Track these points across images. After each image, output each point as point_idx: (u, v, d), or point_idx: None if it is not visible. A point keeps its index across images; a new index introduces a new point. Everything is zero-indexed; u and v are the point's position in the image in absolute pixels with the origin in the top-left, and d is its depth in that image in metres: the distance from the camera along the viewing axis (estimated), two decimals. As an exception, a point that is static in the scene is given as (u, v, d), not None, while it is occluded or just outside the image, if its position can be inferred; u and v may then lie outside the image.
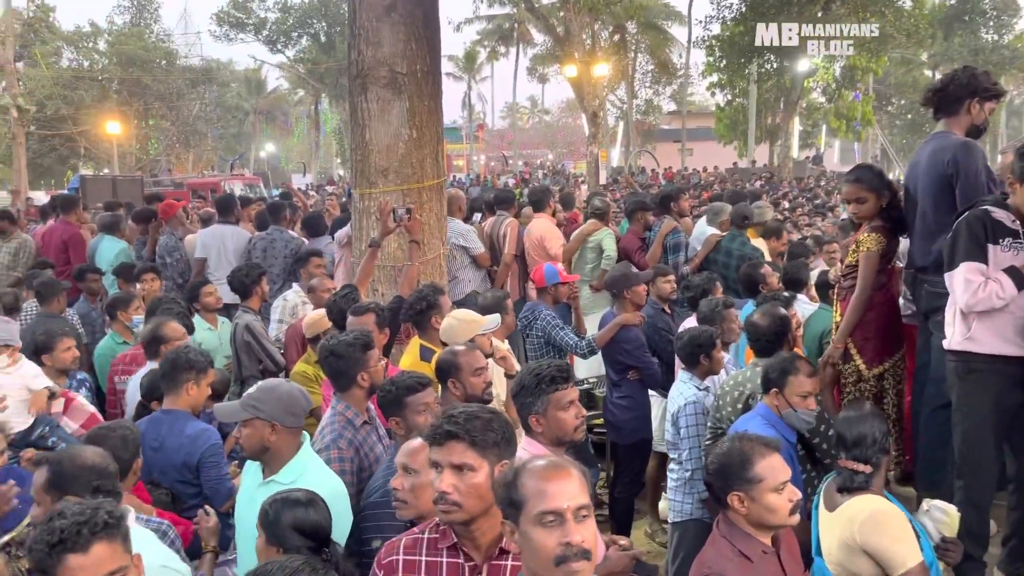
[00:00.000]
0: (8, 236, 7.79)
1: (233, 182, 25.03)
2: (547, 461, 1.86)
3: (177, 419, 3.55)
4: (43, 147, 34.15)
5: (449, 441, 2.09)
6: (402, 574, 2.14)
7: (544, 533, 1.73)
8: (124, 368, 4.69)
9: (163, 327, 4.43)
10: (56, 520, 1.94)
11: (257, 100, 52.25)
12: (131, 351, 4.83)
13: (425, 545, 2.17)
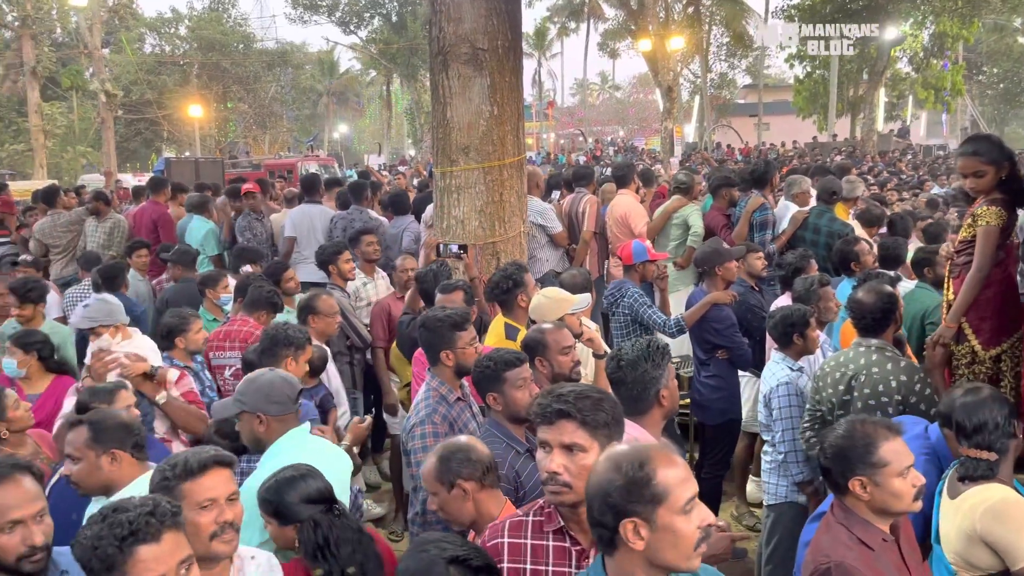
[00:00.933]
0: (103, 216, 8.08)
1: (308, 163, 25.47)
2: (661, 448, 1.76)
3: None
4: (129, 131, 35.44)
5: (560, 420, 2.04)
6: (507, 557, 2.11)
7: (686, 521, 1.67)
8: (218, 344, 4.80)
9: (317, 300, 4.64)
10: (120, 513, 1.86)
11: (330, 82, 53.03)
12: (225, 327, 4.93)
13: (530, 528, 2.14)
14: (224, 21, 37.94)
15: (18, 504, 2.16)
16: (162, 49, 39.21)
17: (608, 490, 1.66)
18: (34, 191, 10.92)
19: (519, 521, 2.16)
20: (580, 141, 44.98)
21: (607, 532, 1.68)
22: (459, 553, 1.93)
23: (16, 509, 2.16)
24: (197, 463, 2.19)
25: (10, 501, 2.16)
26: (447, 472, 2.46)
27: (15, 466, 2.24)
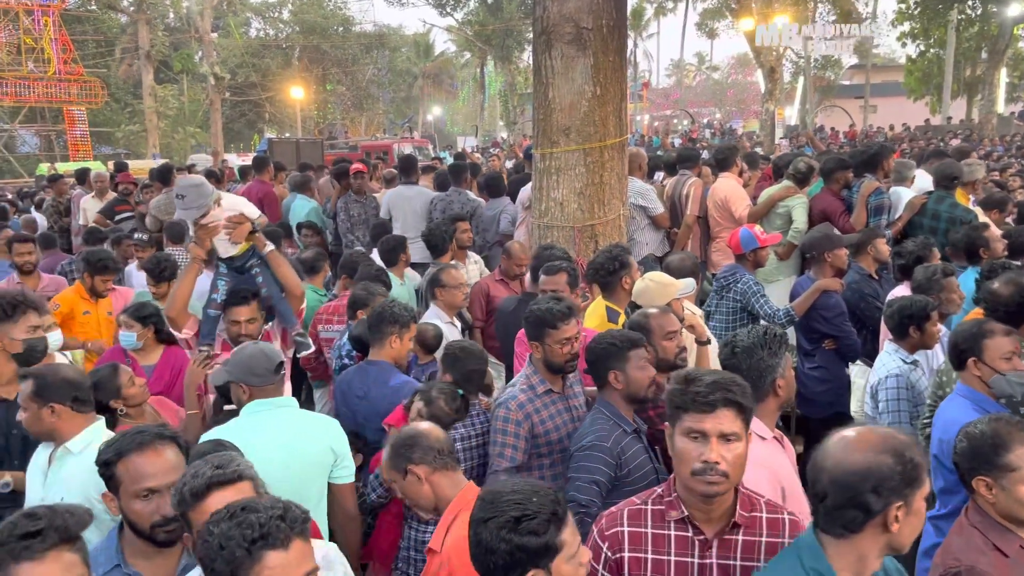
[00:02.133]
0: (214, 195, 8.38)
1: (404, 144, 25.87)
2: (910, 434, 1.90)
3: (382, 370, 3.67)
4: (234, 112, 36.78)
5: (722, 408, 1.99)
6: (628, 546, 2.08)
7: None
8: (327, 318, 4.94)
9: (443, 272, 4.86)
10: (249, 513, 1.71)
11: (425, 64, 53.62)
12: (335, 302, 5.05)
13: (650, 516, 2.10)
14: (325, 4, 38.79)
15: (155, 473, 2.21)
16: (266, 33, 40.47)
17: (882, 473, 1.73)
18: (150, 169, 11.48)
19: (638, 510, 2.13)
20: (675, 123, 44.08)
21: (860, 515, 1.75)
22: (516, 513, 1.89)
23: (152, 478, 2.20)
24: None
25: (148, 469, 2.21)
26: (398, 459, 2.56)
27: (160, 436, 2.28)
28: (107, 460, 2.23)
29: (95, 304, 5.40)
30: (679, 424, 2.02)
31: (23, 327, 3.33)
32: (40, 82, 28.16)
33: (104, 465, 2.24)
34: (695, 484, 1.99)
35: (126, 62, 34.44)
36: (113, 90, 32.23)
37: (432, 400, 3.24)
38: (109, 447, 2.26)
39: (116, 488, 2.24)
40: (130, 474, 2.21)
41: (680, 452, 2.01)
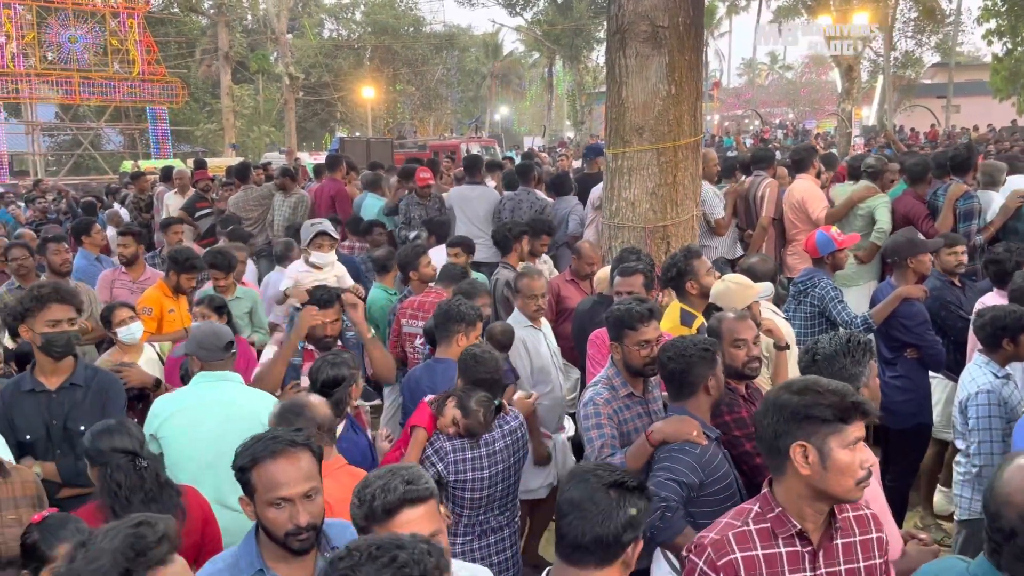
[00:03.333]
0: (289, 192, 8.60)
1: (471, 144, 26.03)
2: None
3: (448, 367, 3.69)
4: (307, 112, 37.60)
5: (861, 418, 1.98)
6: (744, 573, 2.02)
7: None
8: (411, 313, 5.03)
9: (521, 280, 4.77)
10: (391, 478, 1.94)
11: (493, 64, 53.85)
12: (419, 297, 5.14)
13: (756, 537, 2.04)
14: (396, 5, 39.33)
15: (288, 482, 2.15)
16: (339, 34, 41.26)
17: None
18: (227, 167, 11.82)
19: (742, 532, 2.06)
20: (746, 123, 43.26)
21: None
22: (616, 478, 1.96)
23: (286, 487, 2.14)
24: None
25: (281, 478, 2.15)
26: (283, 423, 2.74)
27: (293, 442, 2.22)
28: (242, 466, 2.20)
29: (177, 301, 5.57)
30: (835, 436, 1.96)
31: (43, 320, 3.36)
32: (125, 82, 29.30)
33: (240, 471, 2.21)
34: (855, 494, 1.98)
35: (205, 63, 35.57)
36: (193, 90, 33.31)
37: (471, 412, 3.22)
38: (245, 452, 2.22)
39: (251, 494, 2.20)
40: (263, 482, 2.16)
41: (843, 464, 1.95)
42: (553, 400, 4.51)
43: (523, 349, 4.42)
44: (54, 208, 12.11)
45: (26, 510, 2.58)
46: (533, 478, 4.20)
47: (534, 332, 4.56)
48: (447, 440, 3.23)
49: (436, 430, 3.25)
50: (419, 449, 3.21)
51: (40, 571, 2.36)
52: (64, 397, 3.39)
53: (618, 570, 1.93)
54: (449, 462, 3.19)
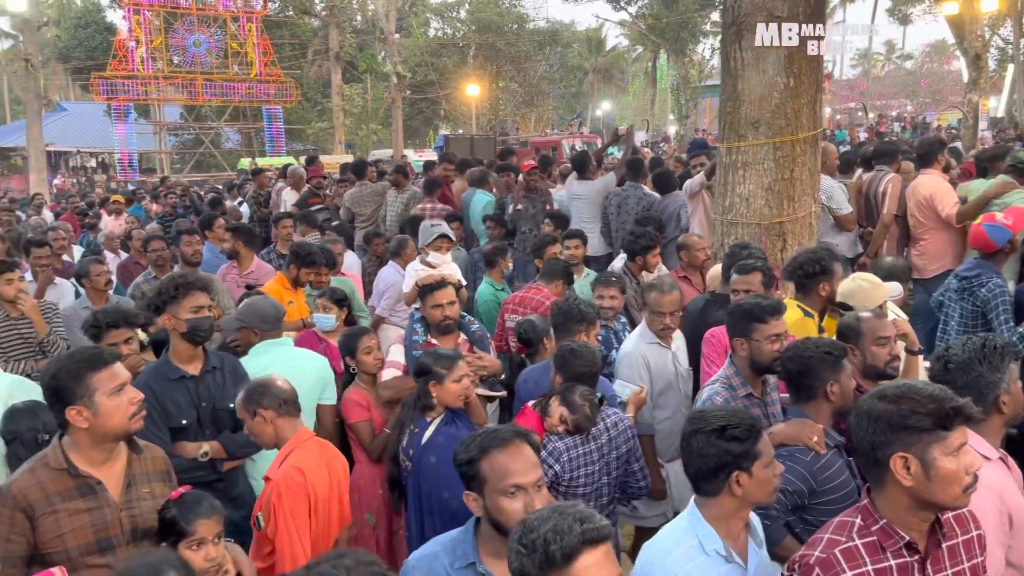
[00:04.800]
0: (402, 188, 8.83)
1: (573, 140, 25.96)
2: None
3: (537, 370, 3.72)
4: (412, 110, 38.38)
5: (964, 422, 1.91)
6: None
7: None
8: (513, 308, 5.10)
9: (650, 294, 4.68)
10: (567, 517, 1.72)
11: (596, 59, 53.56)
12: (522, 292, 5.21)
13: (864, 551, 1.98)
14: (500, 3, 39.63)
15: (520, 470, 2.18)
16: (444, 32, 41.88)
17: None
18: (342, 164, 12.21)
19: (849, 548, 1.99)
20: (860, 116, 41.40)
21: None
22: (720, 424, 2.26)
23: (519, 474, 2.17)
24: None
25: (514, 466, 2.18)
26: (250, 402, 3.04)
27: (517, 433, 2.27)
28: (471, 458, 2.22)
29: (295, 293, 5.80)
30: (937, 445, 1.89)
31: (187, 307, 3.51)
32: (243, 83, 30.68)
33: (468, 463, 2.23)
34: (962, 501, 1.91)
35: (317, 63, 36.83)
36: (305, 90, 34.56)
37: (577, 407, 3.23)
38: (470, 445, 2.25)
39: (481, 486, 2.21)
40: (496, 471, 2.18)
41: (947, 473, 1.89)
42: (672, 427, 4.12)
43: (643, 368, 4.10)
44: (181, 204, 12.81)
45: (158, 484, 2.71)
46: (647, 506, 4.04)
47: (661, 350, 4.21)
48: (559, 440, 3.24)
49: (545, 432, 3.26)
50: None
51: (177, 545, 2.51)
52: (208, 380, 3.57)
53: (728, 499, 2.23)
54: (564, 461, 3.20)
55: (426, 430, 3.48)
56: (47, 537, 2.47)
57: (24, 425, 3.19)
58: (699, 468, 2.26)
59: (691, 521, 2.27)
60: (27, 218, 12.16)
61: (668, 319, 4.11)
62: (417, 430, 3.49)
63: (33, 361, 5.08)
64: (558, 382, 3.42)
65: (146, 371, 3.60)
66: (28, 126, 21.69)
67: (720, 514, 2.24)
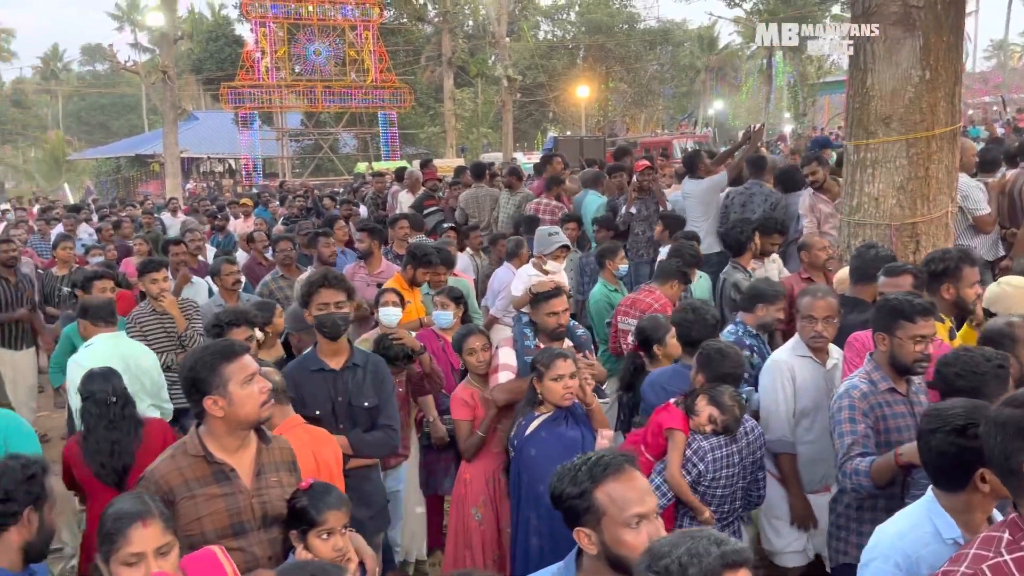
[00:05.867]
0: (515, 190, 8.92)
1: (683, 140, 25.54)
2: None
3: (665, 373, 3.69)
4: (521, 113, 38.63)
5: None
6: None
7: None
8: (625, 310, 5.06)
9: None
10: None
11: (708, 57, 52.39)
12: (634, 295, 5.18)
13: (1014, 567, 1.86)
14: (611, 3, 39.39)
15: (639, 498, 2.05)
16: (554, 35, 41.96)
17: None
18: (456, 167, 12.46)
19: (997, 564, 1.88)
20: (996, 111, 38.80)
21: None
22: (960, 424, 2.21)
23: (639, 503, 2.03)
24: None
25: (633, 494, 2.04)
26: None
27: (625, 458, 2.12)
28: (583, 491, 2.04)
29: (412, 293, 5.94)
30: None
31: (316, 304, 3.67)
32: (360, 90, 31.68)
33: (579, 496, 2.04)
34: None
35: (429, 69, 37.63)
36: (418, 95, 35.36)
37: (726, 408, 3.22)
38: (576, 476, 2.07)
39: (597, 519, 2.02)
40: (615, 502, 2.01)
41: None
42: (816, 454, 3.76)
43: (788, 380, 3.75)
44: (304, 206, 13.38)
45: (285, 474, 2.81)
46: (779, 535, 3.81)
47: (813, 366, 3.82)
48: (704, 439, 3.24)
49: (691, 430, 3.24)
50: (680, 452, 3.23)
51: (308, 534, 2.61)
52: (347, 376, 3.69)
53: (972, 495, 2.18)
54: (708, 461, 3.20)
55: (531, 423, 3.55)
56: (186, 520, 2.60)
57: (97, 387, 3.72)
58: (939, 466, 2.25)
59: (928, 509, 2.26)
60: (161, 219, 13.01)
61: (819, 326, 3.74)
62: (524, 422, 3.59)
63: (174, 354, 5.41)
64: (700, 381, 3.40)
65: (292, 362, 3.80)
66: (165, 134, 23.18)
67: (961, 507, 2.22)
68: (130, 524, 2.21)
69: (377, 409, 3.71)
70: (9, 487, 2.48)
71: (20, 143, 58.97)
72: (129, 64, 27.52)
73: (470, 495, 3.95)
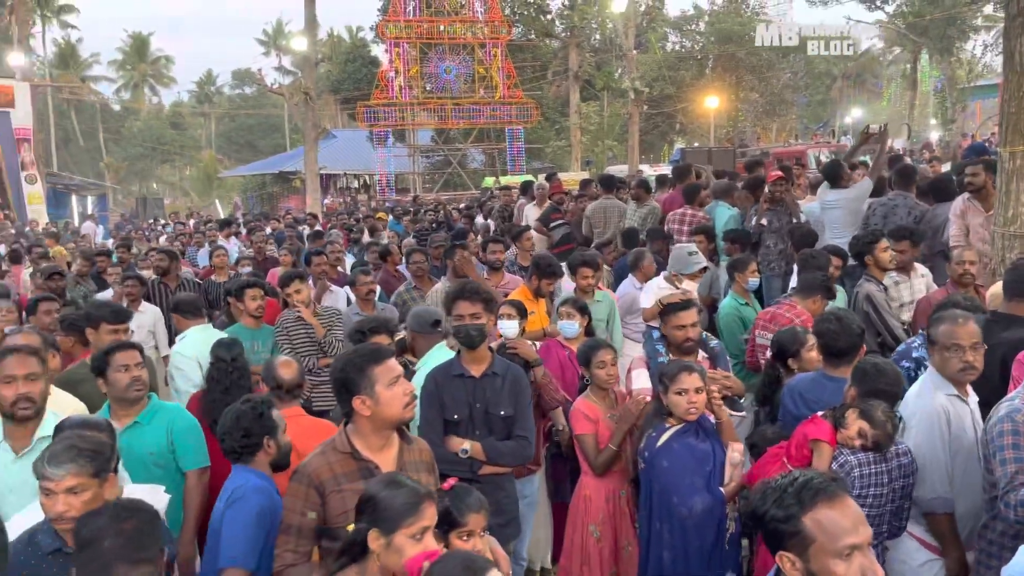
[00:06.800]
0: (642, 203, 8.89)
1: (819, 149, 24.55)
2: None
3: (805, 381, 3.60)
4: (647, 125, 38.29)
5: None
6: None
7: None
8: (764, 324, 4.98)
9: None
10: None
11: (846, 64, 50.21)
12: (774, 309, 5.07)
13: None
14: (742, 12, 38.49)
15: (853, 527, 1.92)
16: (682, 46, 41.41)
17: None
18: (581, 180, 12.54)
19: None
20: None
21: None
22: None
23: (854, 533, 1.91)
24: None
25: (846, 523, 1.91)
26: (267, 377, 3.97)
27: (838, 483, 2.01)
28: (789, 514, 1.92)
29: (537, 303, 6.02)
30: None
31: (454, 314, 3.85)
32: (488, 106, 32.36)
33: (785, 520, 1.93)
34: None
35: (555, 83, 37.97)
36: (544, 109, 35.74)
37: (878, 423, 3.09)
38: (782, 498, 1.96)
39: (803, 547, 1.91)
40: (826, 530, 1.89)
41: None
42: (964, 510, 3.29)
43: (945, 428, 3.25)
44: (435, 219, 13.84)
45: (424, 474, 2.92)
46: None
47: (959, 405, 3.33)
48: (851, 454, 3.12)
49: (837, 444, 3.15)
50: (826, 464, 3.15)
51: (449, 534, 2.68)
52: (486, 383, 3.78)
53: None
54: (855, 477, 3.07)
55: (663, 435, 3.55)
56: (334, 513, 2.76)
57: (224, 353, 4.38)
58: None
59: None
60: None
61: (969, 355, 3.23)
62: (654, 434, 3.59)
63: (315, 358, 5.73)
64: (852, 395, 3.29)
65: (436, 366, 3.97)
66: (306, 152, 24.48)
67: None
68: (424, 501, 2.36)
69: (513, 419, 3.76)
70: (247, 425, 3.19)
71: (177, 162, 63.83)
72: (275, 87, 29.25)
73: (590, 512, 3.97)
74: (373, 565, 2.32)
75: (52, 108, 48.92)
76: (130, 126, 60.46)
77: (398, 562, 2.27)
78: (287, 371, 4.03)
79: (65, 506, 2.52)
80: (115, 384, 3.72)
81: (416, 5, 31.28)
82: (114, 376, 3.71)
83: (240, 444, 3.21)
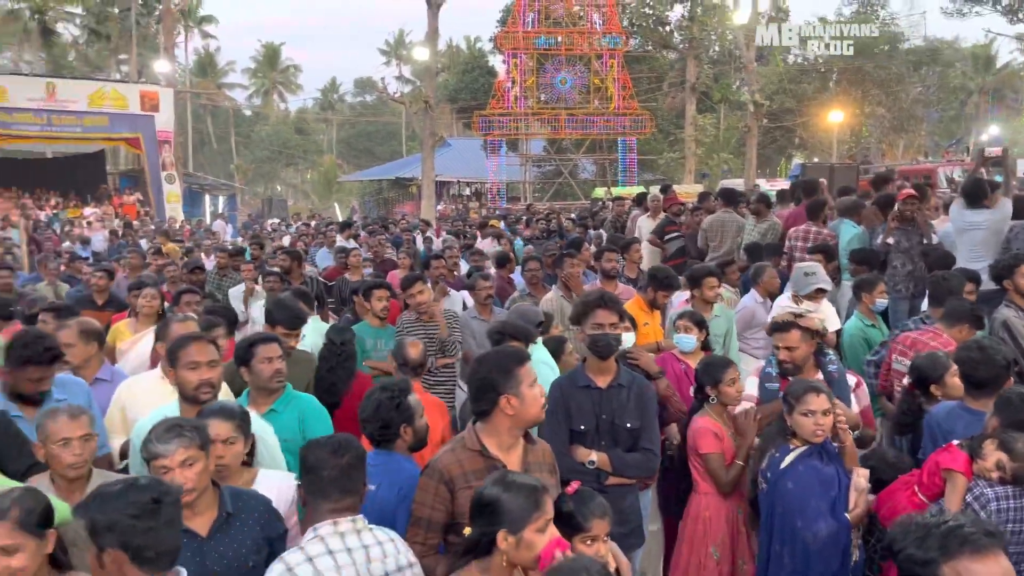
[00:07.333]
0: (762, 217, 8.72)
1: (950, 168, 23.27)
2: None
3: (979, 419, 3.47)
4: (765, 139, 37.26)
5: None
6: None
7: None
8: (901, 349, 4.71)
9: None
10: None
11: (984, 78, 47.47)
12: (915, 334, 4.77)
13: None
14: (872, 22, 36.98)
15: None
16: (804, 58, 40.15)
17: None
18: (700, 193, 12.37)
19: None
20: None
21: None
22: None
23: None
24: None
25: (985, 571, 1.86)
26: None
27: (993, 536, 1.91)
28: (929, 559, 1.86)
29: (652, 315, 6.00)
30: None
31: (589, 324, 3.83)
32: (601, 117, 32.34)
33: (923, 564, 1.87)
34: None
35: (671, 95, 37.53)
36: (659, 121, 35.39)
37: (1018, 455, 2.94)
38: (925, 541, 1.90)
39: None
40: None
41: None
42: None
43: None
44: (548, 228, 13.96)
45: (547, 475, 2.99)
46: None
47: None
48: (988, 487, 2.99)
49: (974, 476, 3.04)
50: (960, 496, 3.03)
51: (572, 538, 2.71)
52: (612, 395, 3.78)
53: None
54: (991, 511, 2.94)
55: (787, 456, 3.48)
56: (463, 509, 2.82)
57: (336, 336, 4.75)
58: None
59: None
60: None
61: None
62: (778, 454, 3.51)
63: (434, 358, 5.91)
64: (993, 425, 3.16)
65: (562, 375, 4.03)
66: (423, 159, 25.10)
67: None
68: (542, 495, 2.45)
69: (639, 431, 3.75)
70: (385, 415, 3.36)
71: (300, 165, 66.72)
72: (396, 95, 30.15)
73: (711, 533, 3.91)
74: (499, 561, 2.40)
75: (190, 112, 52.15)
76: (259, 130, 63.61)
77: (528, 556, 2.35)
78: (414, 350, 4.52)
79: (182, 479, 2.66)
80: (259, 374, 3.93)
81: (535, 17, 31.64)
82: (258, 367, 3.92)
83: (379, 433, 3.39)
